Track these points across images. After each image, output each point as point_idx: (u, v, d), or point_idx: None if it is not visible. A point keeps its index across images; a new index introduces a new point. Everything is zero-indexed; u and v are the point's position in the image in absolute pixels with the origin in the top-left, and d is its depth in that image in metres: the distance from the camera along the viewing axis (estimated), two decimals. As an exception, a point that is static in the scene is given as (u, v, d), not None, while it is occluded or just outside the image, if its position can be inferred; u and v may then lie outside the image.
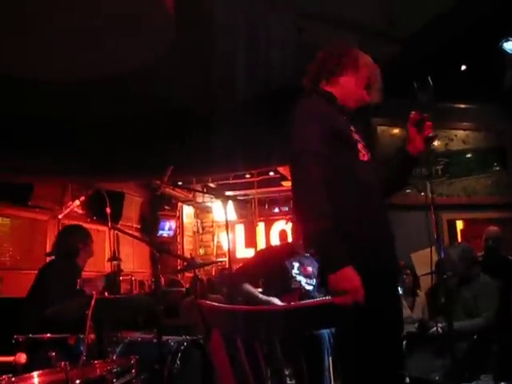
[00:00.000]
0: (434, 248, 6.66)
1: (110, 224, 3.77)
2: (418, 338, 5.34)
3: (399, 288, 4.95)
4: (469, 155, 7.44)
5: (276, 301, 4.40)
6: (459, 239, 7.56)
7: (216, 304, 1.83)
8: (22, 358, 2.73)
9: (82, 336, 3.27)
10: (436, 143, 7.36)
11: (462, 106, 7.36)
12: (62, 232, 4.75)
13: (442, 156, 7.32)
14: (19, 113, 6.09)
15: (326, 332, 3.86)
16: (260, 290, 4.96)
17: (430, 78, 6.00)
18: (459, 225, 7.90)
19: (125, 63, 4.91)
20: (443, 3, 5.03)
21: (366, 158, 2.60)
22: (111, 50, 4.72)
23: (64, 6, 4.04)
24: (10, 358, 2.77)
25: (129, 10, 4.18)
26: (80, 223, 4.87)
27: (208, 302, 1.86)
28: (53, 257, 4.73)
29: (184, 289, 6.97)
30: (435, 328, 5.15)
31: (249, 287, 4.68)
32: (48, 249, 8.65)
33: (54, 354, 3.05)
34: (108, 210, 3.80)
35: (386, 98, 6.15)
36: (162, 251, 3.44)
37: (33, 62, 4.90)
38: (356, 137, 2.64)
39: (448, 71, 6.19)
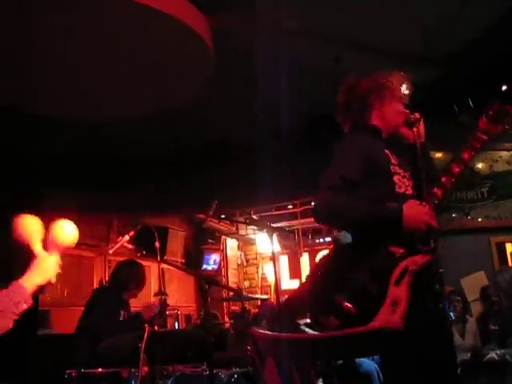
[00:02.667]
0: (483, 273, 6.57)
1: (159, 258, 3.81)
2: (472, 367, 5.19)
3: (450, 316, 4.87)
4: (515, 176, 7.29)
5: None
6: (509, 262, 7.36)
7: (270, 333, 1.83)
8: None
9: (134, 370, 3.28)
10: (480, 165, 7.26)
11: (506, 126, 7.24)
12: (121, 265, 4.82)
13: (487, 178, 7.20)
14: (68, 152, 6.30)
15: (374, 369, 3.78)
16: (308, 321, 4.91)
17: (470, 100, 5.97)
18: (509, 248, 7.70)
19: (169, 100, 5.04)
20: (479, 24, 5.01)
21: (402, 190, 2.57)
22: (158, 87, 4.85)
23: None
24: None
25: (170, 49, 4.31)
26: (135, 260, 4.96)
27: (261, 331, 1.86)
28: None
29: (220, 321, 6.93)
30: (490, 355, 5.01)
31: (298, 322, 4.67)
32: (95, 285, 8.78)
33: (106, 388, 3.09)
34: (157, 245, 3.86)
35: (427, 121, 6.11)
36: (211, 283, 3.46)
37: (85, 104, 5.07)
38: (396, 169, 2.62)
39: (489, 92, 6.13)
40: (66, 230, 2.30)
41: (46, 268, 2.25)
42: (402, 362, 2.06)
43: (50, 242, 2.29)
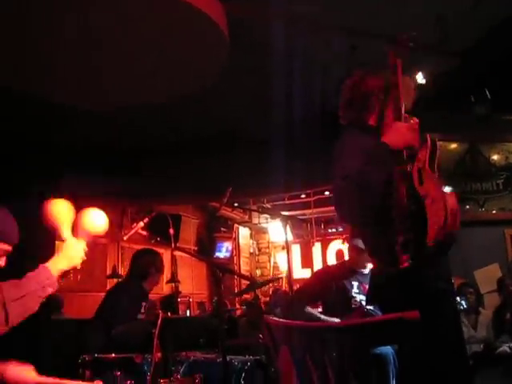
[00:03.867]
0: (497, 265, 6.53)
1: (173, 245, 3.83)
2: (484, 359, 5.18)
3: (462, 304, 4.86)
4: (530, 167, 7.23)
5: (337, 321, 4.36)
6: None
7: (284, 320, 1.83)
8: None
9: (147, 355, 3.30)
10: (495, 157, 7.20)
11: (521, 118, 7.19)
12: (138, 254, 4.86)
13: (503, 170, 7.14)
14: (83, 142, 6.34)
15: (390, 353, 3.78)
16: (320, 310, 4.93)
17: (487, 91, 5.91)
18: (523, 240, 7.66)
19: (183, 88, 5.03)
20: (496, 15, 4.95)
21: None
22: (169, 76, 4.85)
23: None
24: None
25: (186, 37, 4.30)
26: (144, 246, 4.99)
27: (275, 318, 1.87)
28: (115, 279, 4.84)
29: (229, 309, 6.95)
30: (502, 348, 5.00)
31: (310, 309, 4.69)
32: (108, 271, 8.85)
33: (119, 373, 3.11)
34: (171, 231, 3.87)
35: (443, 112, 6.08)
36: (224, 271, 3.47)
37: (98, 92, 5.08)
38: None
39: (505, 84, 6.07)
40: (96, 219, 2.32)
41: (72, 254, 2.27)
42: (417, 354, 2.08)
43: (80, 228, 2.31)
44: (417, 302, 2.17)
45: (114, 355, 3.44)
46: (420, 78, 5.40)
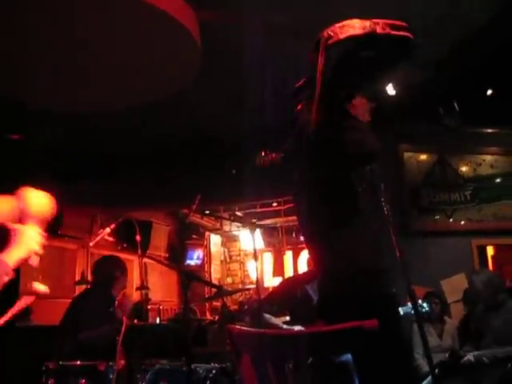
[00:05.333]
0: (464, 275, 6.61)
1: (139, 252, 3.81)
2: (449, 367, 5.23)
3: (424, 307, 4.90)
4: (498, 180, 7.35)
5: (298, 329, 4.35)
6: (490, 266, 7.43)
7: (245, 328, 1.83)
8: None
9: (111, 363, 3.27)
10: (464, 168, 7.31)
11: (490, 130, 7.32)
12: (100, 261, 4.81)
13: (471, 181, 7.25)
14: (55, 146, 6.27)
15: (351, 359, 3.79)
16: (287, 318, 4.94)
17: (455, 103, 6.01)
18: (490, 251, 7.78)
19: (155, 94, 5.02)
20: (466, 28, 5.04)
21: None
22: (145, 80, 4.84)
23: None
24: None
25: (158, 43, 4.30)
26: (112, 253, 4.96)
27: (237, 326, 1.87)
28: (84, 286, 4.79)
29: (198, 317, 6.93)
30: (467, 357, 5.05)
31: (272, 319, 4.69)
32: (77, 277, 8.74)
33: (83, 381, 3.08)
34: (138, 238, 3.85)
35: (413, 123, 6.16)
36: (192, 278, 3.46)
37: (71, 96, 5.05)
38: None
39: (474, 96, 6.18)
40: (37, 200, 2.26)
41: (25, 240, 2.23)
42: (371, 363, 2.10)
43: (23, 213, 2.25)
44: (377, 306, 2.21)
45: (78, 362, 3.40)
46: (390, 89, 5.46)
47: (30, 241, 2.19)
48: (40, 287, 2.40)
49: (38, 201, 2.21)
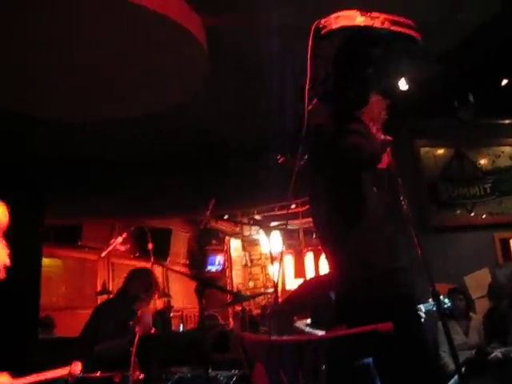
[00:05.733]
0: (487, 270, 6.49)
1: (152, 260, 3.77)
2: (477, 365, 5.13)
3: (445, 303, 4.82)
4: (517, 171, 7.22)
5: (320, 333, 4.29)
6: (514, 258, 7.30)
7: (257, 336, 1.79)
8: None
9: (127, 374, 3.24)
10: (482, 161, 7.19)
11: (507, 121, 7.19)
12: (133, 273, 4.71)
13: (490, 174, 7.12)
14: (70, 156, 6.30)
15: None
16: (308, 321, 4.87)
17: (471, 96, 5.91)
18: (513, 243, 7.63)
19: (166, 99, 5.01)
20: (478, 19, 4.96)
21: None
22: (153, 87, 4.82)
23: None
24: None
25: (165, 50, 4.28)
26: (124, 260, 4.92)
27: (250, 334, 1.82)
28: (105, 296, 4.78)
29: (220, 323, 6.90)
30: (494, 354, 4.95)
31: (296, 323, 4.64)
32: (98, 287, 8.78)
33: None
34: (150, 246, 3.80)
35: (428, 118, 6.06)
36: (206, 285, 3.41)
37: (81, 105, 5.06)
38: None
39: (490, 87, 6.08)
40: None
41: None
42: (392, 365, 2.05)
43: None
44: (394, 307, 2.17)
45: (97, 374, 3.38)
46: (403, 84, 5.38)
47: None
48: (76, 368, 2.43)
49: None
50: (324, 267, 11.42)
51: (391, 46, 2.42)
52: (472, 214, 7.01)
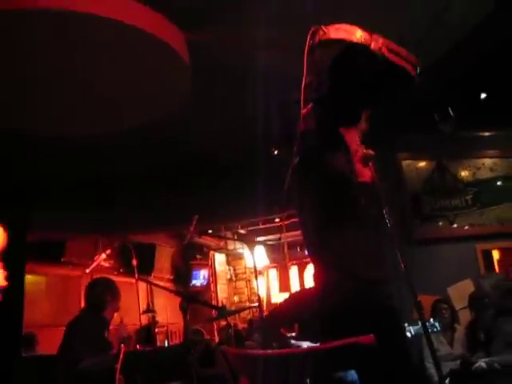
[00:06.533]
0: (470, 281, 6.55)
1: (136, 276, 3.77)
2: (461, 375, 5.16)
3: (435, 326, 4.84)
4: (498, 183, 7.31)
5: (306, 345, 4.30)
6: (496, 270, 7.36)
7: (241, 350, 1.80)
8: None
9: (113, 392, 3.22)
10: (463, 173, 7.28)
11: (487, 133, 7.30)
12: (90, 284, 4.76)
13: (471, 185, 7.21)
14: (55, 172, 6.28)
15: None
16: (294, 334, 4.87)
17: (450, 109, 5.99)
18: (495, 255, 7.70)
19: (151, 114, 5.02)
20: (459, 31, 5.04)
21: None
22: (135, 103, 4.84)
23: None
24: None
25: (148, 64, 4.31)
26: (108, 276, 4.90)
27: (234, 348, 1.83)
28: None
29: (205, 338, 6.88)
30: (478, 364, 4.98)
31: (282, 334, 4.64)
32: (82, 304, 8.69)
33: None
34: (134, 262, 3.80)
35: (409, 131, 6.12)
36: (190, 301, 3.41)
37: (62, 120, 5.06)
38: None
39: (469, 100, 6.17)
40: None
41: None
42: (376, 378, 2.06)
43: None
44: (377, 319, 2.18)
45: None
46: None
47: None
48: None
49: None
50: (309, 281, 11.44)
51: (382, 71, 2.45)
52: (454, 226, 7.08)
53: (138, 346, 3.39)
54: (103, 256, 3.52)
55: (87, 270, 3.73)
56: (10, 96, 4.62)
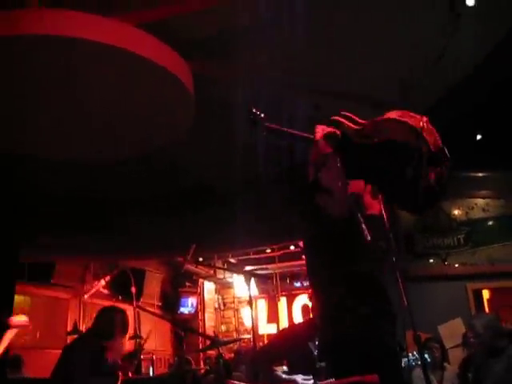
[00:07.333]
0: (460, 319, 6.58)
1: (135, 303, 3.75)
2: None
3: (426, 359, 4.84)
4: (490, 223, 7.39)
5: (299, 378, 4.28)
6: (486, 309, 7.40)
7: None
8: None
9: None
10: (456, 212, 7.35)
11: (480, 174, 7.39)
12: (104, 311, 4.64)
13: (464, 225, 7.29)
14: (47, 192, 6.27)
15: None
16: (285, 368, 4.85)
17: (446, 149, 6.07)
18: (485, 294, 7.75)
19: (152, 143, 5.06)
20: (456, 75, 5.14)
21: None
22: (136, 131, 4.87)
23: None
24: None
25: (153, 96, 4.36)
26: (106, 302, 4.85)
27: (235, 382, 1.84)
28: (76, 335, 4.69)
29: (193, 367, 6.83)
30: (467, 404, 4.98)
31: (274, 370, 4.61)
32: (69, 327, 8.59)
33: None
34: (133, 290, 3.79)
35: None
36: (186, 330, 3.40)
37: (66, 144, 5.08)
38: None
39: (464, 141, 6.25)
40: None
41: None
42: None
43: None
44: (378, 360, 2.19)
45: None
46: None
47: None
48: (19, 319, 2.45)
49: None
50: (297, 312, 11.42)
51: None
52: (446, 264, 7.13)
53: (120, 374, 3.33)
54: (102, 282, 3.50)
55: (86, 296, 3.71)
56: (11, 118, 4.64)
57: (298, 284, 11.99)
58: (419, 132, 2.25)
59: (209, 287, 12.81)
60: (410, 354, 4.40)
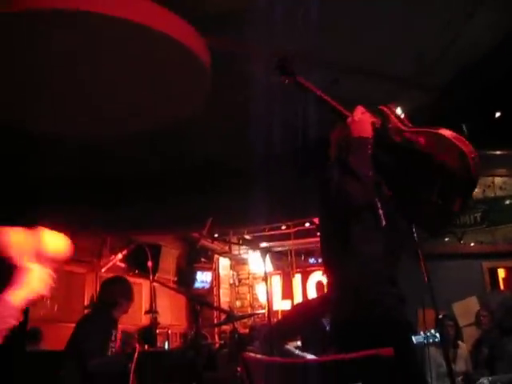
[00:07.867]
0: (475, 298, 6.57)
1: (151, 277, 3.80)
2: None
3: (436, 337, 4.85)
4: (507, 202, 7.33)
5: (310, 357, 4.31)
6: (502, 287, 7.38)
7: (262, 357, 1.82)
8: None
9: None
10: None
11: (498, 152, 7.31)
12: (106, 283, 4.74)
13: (480, 203, 7.23)
14: (63, 170, 6.32)
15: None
16: (298, 343, 4.90)
17: (464, 126, 6.00)
18: (501, 273, 7.72)
19: (167, 118, 5.06)
20: (475, 50, 5.07)
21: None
22: (150, 106, 4.88)
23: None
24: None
25: (169, 68, 4.35)
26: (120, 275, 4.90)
27: (253, 354, 1.86)
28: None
29: (209, 342, 6.88)
30: (480, 381, 4.99)
31: (287, 345, 4.66)
32: (86, 301, 8.71)
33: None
34: (150, 264, 3.83)
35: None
36: (202, 304, 3.44)
37: (79, 121, 5.10)
38: None
39: (482, 118, 6.18)
40: (53, 242, 2.20)
41: (33, 282, 2.15)
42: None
43: (36, 253, 2.18)
44: (390, 333, 2.21)
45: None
46: (398, 112, 5.47)
47: (37, 282, 2.11)
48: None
49: (55, 242, 2.15)
50: (312, 289, 11.46)
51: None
52: (461, 243, 7.11)
53: (137, 346, 3.38)
54: (119, 256, 3.54)
55: (102, 270, 3.76)
56: (21, 92, 4.65)
57: (312, 260, 12.01)
58: (469, 161, 2.27)
59: (224, 263, 12.88)
60: (424, 332, 4.43)
